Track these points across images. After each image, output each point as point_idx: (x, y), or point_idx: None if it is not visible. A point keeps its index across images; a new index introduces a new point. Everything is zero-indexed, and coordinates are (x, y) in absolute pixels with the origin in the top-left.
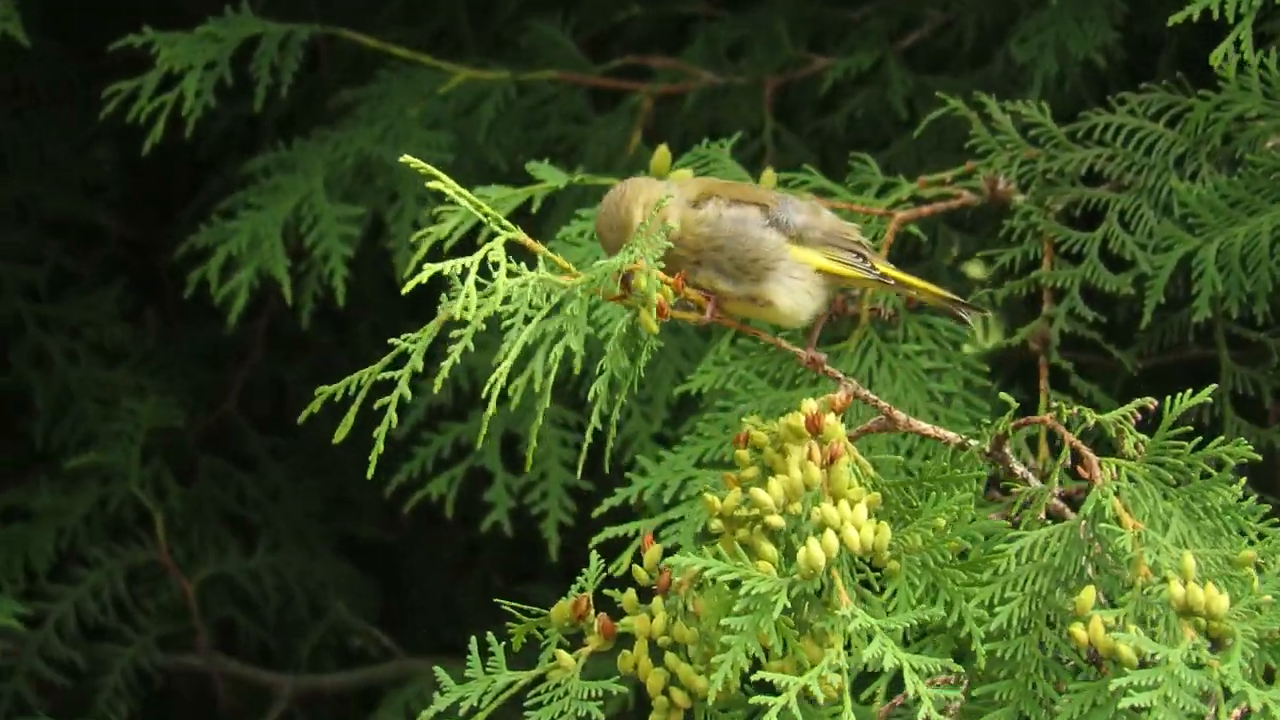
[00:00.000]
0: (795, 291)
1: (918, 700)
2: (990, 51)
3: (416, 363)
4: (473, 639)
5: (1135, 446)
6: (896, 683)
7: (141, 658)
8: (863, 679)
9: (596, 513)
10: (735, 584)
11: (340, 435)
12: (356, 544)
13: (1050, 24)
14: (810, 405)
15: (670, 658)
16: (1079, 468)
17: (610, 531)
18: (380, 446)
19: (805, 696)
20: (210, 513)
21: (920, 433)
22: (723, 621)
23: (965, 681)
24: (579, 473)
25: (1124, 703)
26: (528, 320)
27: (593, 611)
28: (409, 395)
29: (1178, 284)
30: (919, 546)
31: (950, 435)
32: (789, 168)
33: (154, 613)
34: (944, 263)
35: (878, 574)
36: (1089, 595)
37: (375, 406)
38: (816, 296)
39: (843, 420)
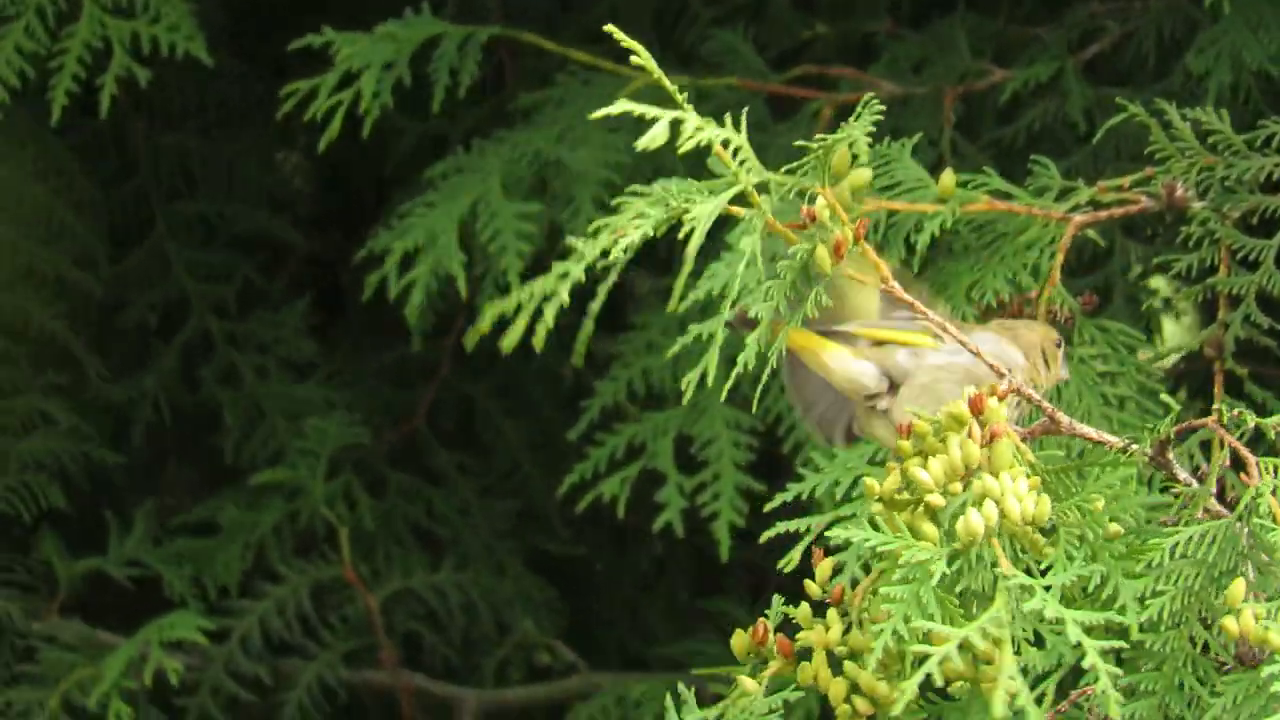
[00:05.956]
0: None
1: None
2: (1170, 64)
3: (590, 257)
4: (667, 697)
5: None
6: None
7: (326, 673)
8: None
9: (769, 508)
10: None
11: (509, 343)
12: (543, 559)
13: (1225, 34)
14: (971, 390)
15: (849, 666)
16: (1242, 476)
17: (781, 527)
18: (581, 348)
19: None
20: (397, 529)
21: (1083, 436)
22: (881, 590)
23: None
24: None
25: (1277, 687)
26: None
27: (771, 636)
28: (582, 278)
29: None
30: (1077, 521)
31: (1112, 439)
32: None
33: (339, 628)
34: (1123, 275)
35: (1036, 561)
36: (1239, 587)
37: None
38: None
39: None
